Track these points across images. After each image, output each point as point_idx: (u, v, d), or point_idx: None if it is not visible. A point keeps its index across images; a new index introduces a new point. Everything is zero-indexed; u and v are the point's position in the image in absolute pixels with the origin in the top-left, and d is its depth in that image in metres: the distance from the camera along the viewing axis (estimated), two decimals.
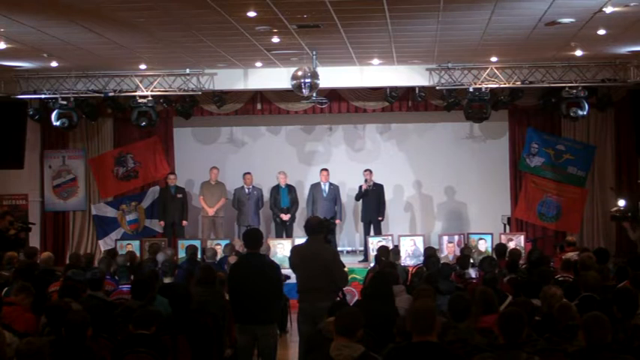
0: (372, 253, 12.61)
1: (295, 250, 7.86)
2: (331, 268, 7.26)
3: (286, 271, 8.41)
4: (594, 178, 14.45)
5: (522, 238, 13.34)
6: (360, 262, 13.57)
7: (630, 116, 13.98)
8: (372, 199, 13.91)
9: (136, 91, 13.60)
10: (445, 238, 13.53)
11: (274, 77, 13.37)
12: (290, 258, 7.59)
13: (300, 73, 11.44)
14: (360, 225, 14.57)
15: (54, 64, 12.42)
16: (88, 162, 15.09)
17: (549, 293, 6.31)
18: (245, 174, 14.28)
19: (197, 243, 12.75)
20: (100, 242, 14.82)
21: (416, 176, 15.53)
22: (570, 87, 12.98)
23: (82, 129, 14.97)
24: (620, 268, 8.29)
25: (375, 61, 12.91)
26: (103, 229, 14.89)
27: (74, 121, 13.78)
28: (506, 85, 13.32)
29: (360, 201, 14.15)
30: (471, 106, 13.40)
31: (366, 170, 14.03)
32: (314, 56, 11.72)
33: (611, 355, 4.63)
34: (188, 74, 13.57)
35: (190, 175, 15.34)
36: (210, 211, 14.19)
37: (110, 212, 14.96)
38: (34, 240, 14.42)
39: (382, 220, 14.09)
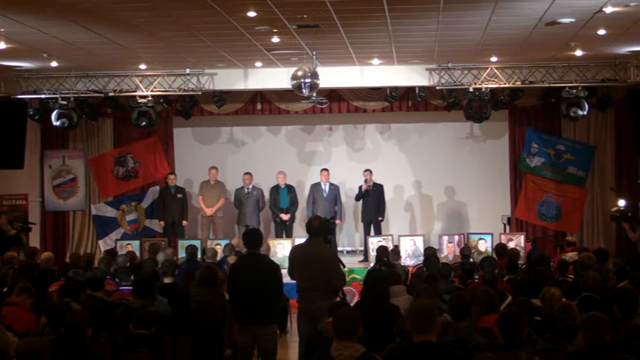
0: (372, 253, 12.62)
1: (295, 249, 7.87)
2: (328, 268, 7.26)
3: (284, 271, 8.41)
4: (594, 178, 14.44)
5: (522, 238, 13.36)
6: (360, 262, 13.56)
7: (630, 116, 13.96)
8: (372, 199, 13.91)
9: (136, 91, 13.60)
10: (445, 238, 13.54)
11: (274, 77, 13.38)
12: (290, 257, 7.61)
13: (300, 73, 11.43)
14: (360, 225, 14.57)
15: (54, 64, 12.42)
16: (88, 162, 15.08)
17: (549, 294, 6.31)
18: (244, 174, 14.29)
19: (197, 243, 12.79)
20: (100, 242, 14.81)
21: (416, 176, 15.53)
22: (570, 87, 12.98)
23: (82, 129, 14.95)
24: (620, 268, 8.29)
25: (375, 61, 12.91)
26: (103, 229, 14.88)
27: (74, 121, 13.77)
28: (506, 85, 13.33)
29: (360, 201, 14.16)
30: (471, 106, 13.40)
31: (366, 170, 14.03)
32: (314, 56, 11.72)
33: (610, 355, 4.63)
34: (188, 74, 13.57)
35: (190, 175, 15.34)
36: (209, 212, 14.20)
37: (110, 212, 14.95)
38: (34, 240, 14.41)
39: (382, 220, 14.09)
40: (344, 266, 7.87)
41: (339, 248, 14.43)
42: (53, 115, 13.59)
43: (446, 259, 12.52)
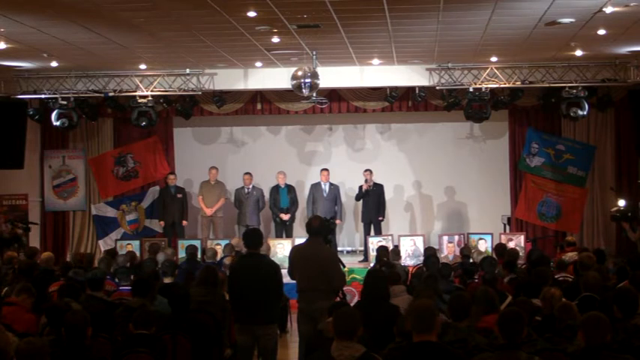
0: (372, 253, 12.62)
1: (295, 249, 7.87)
2: (328, 268, 7.26)
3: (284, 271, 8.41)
4: (594, 178, 14.44)
5: (522, 238, 13.36)
6: (360, 262, 13.56)
7: (630, 116, 13.95)
8: (372, 199, 13.91)
9: (136, 91, 13.60)
10: (445, 238, 13.55)
11: (274, 77, 13.38)
12: (290, 257, 7.60)
13: (300, 73, 11.43)
14: (360, 225, 14.57)
15: (54, 64, 12.42)
16: (88, 162, 15.08)
17: (549, 294, 6.31)
18: (244, 174, 14.29)
19: (197, 243, 12.79)
20: (100, 242, 14.81)
21: (416, 176, 15.53)
22: (570, 87, 12.98)
23: (82, 129, 14.95)
24: (620, 268, 8.29)
25: (375, 61, 12.91)
26: (103, 229, 14.88)
27: (74, 121, 13.77)
28: (506, 85, 13.33)
29: (360, 201, 14.16)
30: (471, 106, 13.40)
31: (366, 170, 14.03)
32: (314, 56, 11.72)
33: (610, 355, 4.63)
34: (188, 74, 13.57)
35: (190, 175, 15.34)
36: (208, 212, 14.20)
37: (110, 212, 14.95)
38: (34, 240, 14.40)
39: (382, 220, 14.09)
40: (344, 266, 7.87)
41: (339, 248, 14.43)
42: (53, 115, 13.59)
43: (446, 259, 12.52)
